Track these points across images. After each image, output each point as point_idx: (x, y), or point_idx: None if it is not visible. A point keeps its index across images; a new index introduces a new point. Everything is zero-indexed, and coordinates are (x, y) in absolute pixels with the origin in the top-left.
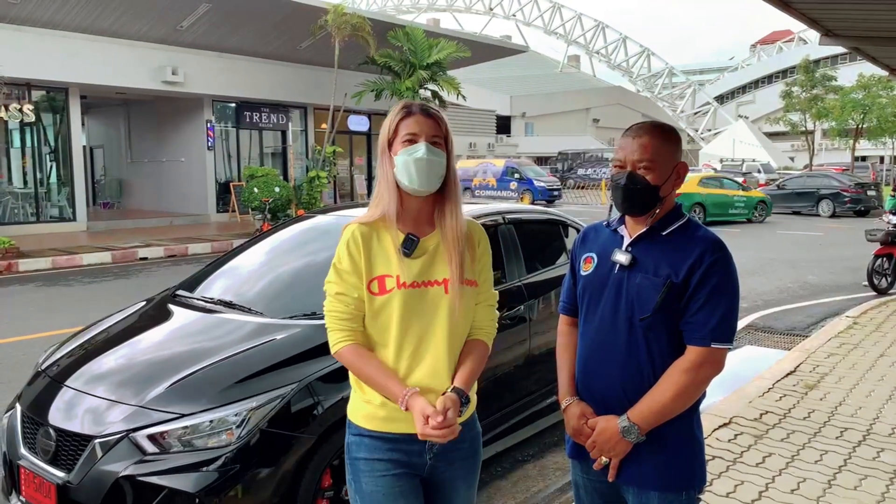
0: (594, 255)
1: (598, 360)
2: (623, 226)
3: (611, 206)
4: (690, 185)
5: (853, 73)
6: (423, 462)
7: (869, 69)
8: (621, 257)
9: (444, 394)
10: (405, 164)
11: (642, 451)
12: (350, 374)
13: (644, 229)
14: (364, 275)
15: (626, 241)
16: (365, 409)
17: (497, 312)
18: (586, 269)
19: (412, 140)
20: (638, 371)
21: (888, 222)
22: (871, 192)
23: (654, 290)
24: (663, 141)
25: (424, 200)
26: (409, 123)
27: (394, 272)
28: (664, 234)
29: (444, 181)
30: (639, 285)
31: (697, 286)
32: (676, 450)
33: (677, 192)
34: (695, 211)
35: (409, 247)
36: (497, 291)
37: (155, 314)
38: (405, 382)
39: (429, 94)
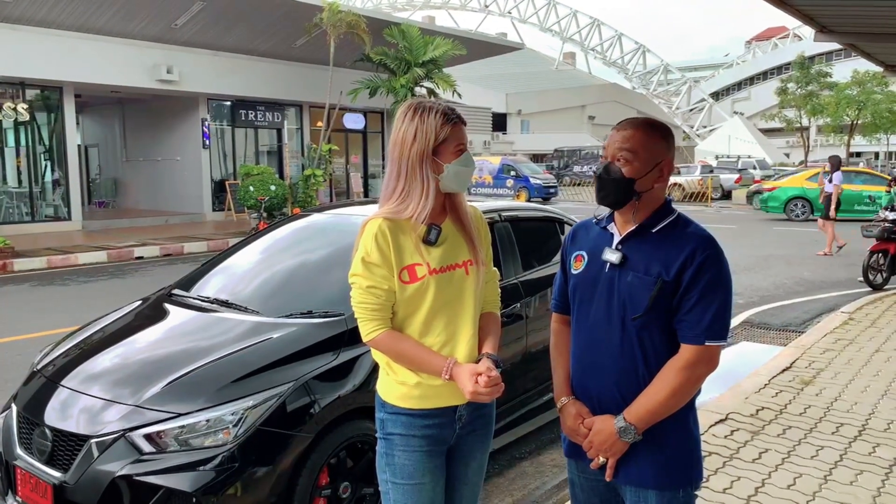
0: (585, 254)
1: (592, 360)
2: (612, 223)
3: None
4: (798, 179)
5: (848, 69)
6: (452, 433)
7: (864, 65)
8: (611, 256)
9: (478, 360)
10: (458, 174)
11: (639, 450)
12: (380, 357)
13: (633, 227)
14: (394, 266)
15: (616, 238)
16: (399, 389)
17: (498, 289)
18: (577, 267)
19: (462, 150)
20: (633, 370)
21: (884, 218)
22: None
23: (645, 289)
24: (647, 135)
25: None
26: (458, 134)
27: (422, 260)
28: (654, 231)
29: None
30: (630, 284)
31: (689, 284)
32: (673, 448)
33: (772, 186)
34: (794, 205)
35: (434, 236)
36: (496, 269)
37: (151, 313)
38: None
39: (424, 91)
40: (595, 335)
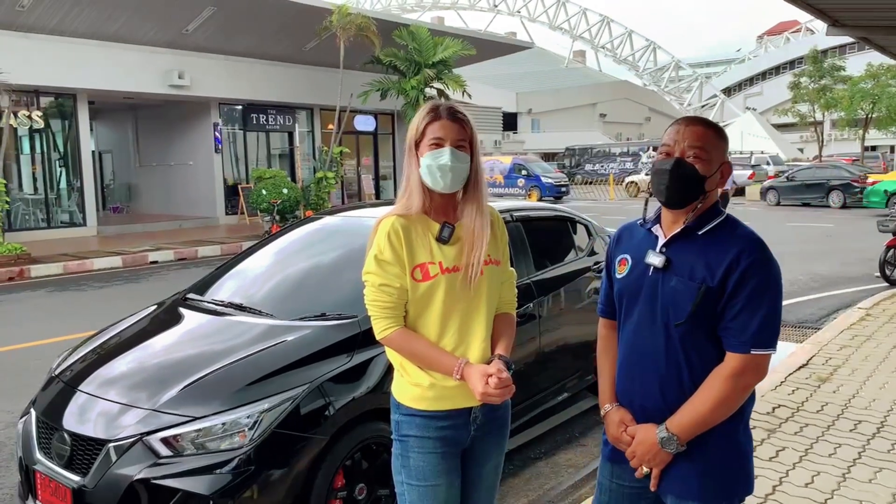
0: (629, 257)
1: (635, 367)
2: (658, 225)
3: (646, 200)
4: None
5: (862, 62)
6: (467, 434)
7: (877, 58)
8: (655, 259)
9: (489, 362)
10: (429, 168)
11: (683, 460)
12: (394, 359)
13: (679, 229)
14: (406, 264)
15: (661, 241)
16: (413, 391)
17: (515, 289)
18: (621, 271)
19: (438, 144)
20: (677, 377)
21: None
22: None
23: (689, 294)
24: (715, 134)
25: (451, 193)
26: (435, 128)
27: (435, 259)
28: (700, 233)
29: (469, 178)
30: (674, 289)
31: (735, 289)
32: (719, 458)
33: (874, 179)
34: None
35: (447, 235)
36: (514, 270)
37: (166, 318)
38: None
39: (434, 92)
40: (639, 341)
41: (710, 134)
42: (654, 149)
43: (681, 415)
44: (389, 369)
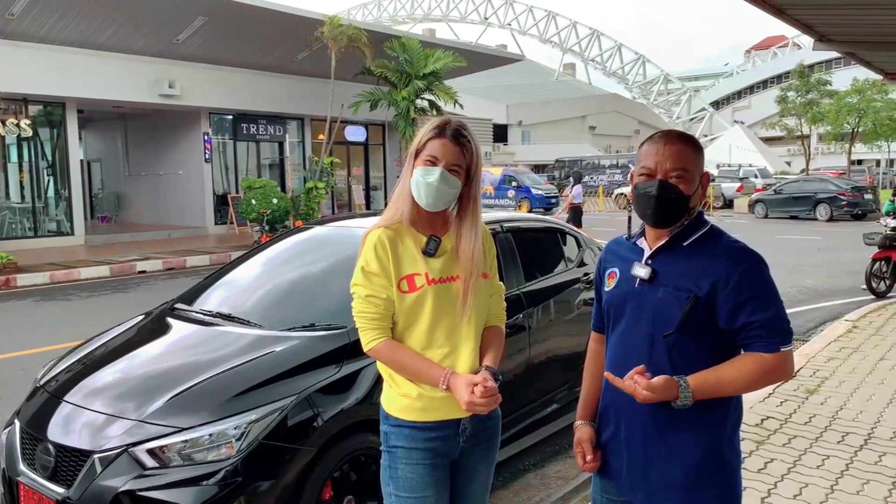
0: (617, 270)
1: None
2: (643, 237)
3: (629, 217)
4: None
5: (848, 77)
6: (456, 445)
7: (863, 73)
8: (640, 271)
9: (477, 372)
10: (417, 183)
11: (666, 474)
12: (384, 369)
13: (664, 241)
14: (393, 276)
15: (646, 253)
16: (402, 401)
17: (504, 302)
18: (609, 284)
19: (432, 163)
20: None
21: (886, 225)
22: (867, 196)
23: (677, 305)
24: (694, 150)
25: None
26: (435, 145)
27: (421, 270)
28: (686, 244)
29: (463, 203)
30: (661, 300)
31: (738, 301)
32: (702, 473)
33: None
34: None
35: (433, 247)
36: (502, 284)
37: (153, 328)
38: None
39: (425, 103)
40: (624, 355)
41: (689, 151)
42: None
43: (703, 374)
44: (378, 380)
